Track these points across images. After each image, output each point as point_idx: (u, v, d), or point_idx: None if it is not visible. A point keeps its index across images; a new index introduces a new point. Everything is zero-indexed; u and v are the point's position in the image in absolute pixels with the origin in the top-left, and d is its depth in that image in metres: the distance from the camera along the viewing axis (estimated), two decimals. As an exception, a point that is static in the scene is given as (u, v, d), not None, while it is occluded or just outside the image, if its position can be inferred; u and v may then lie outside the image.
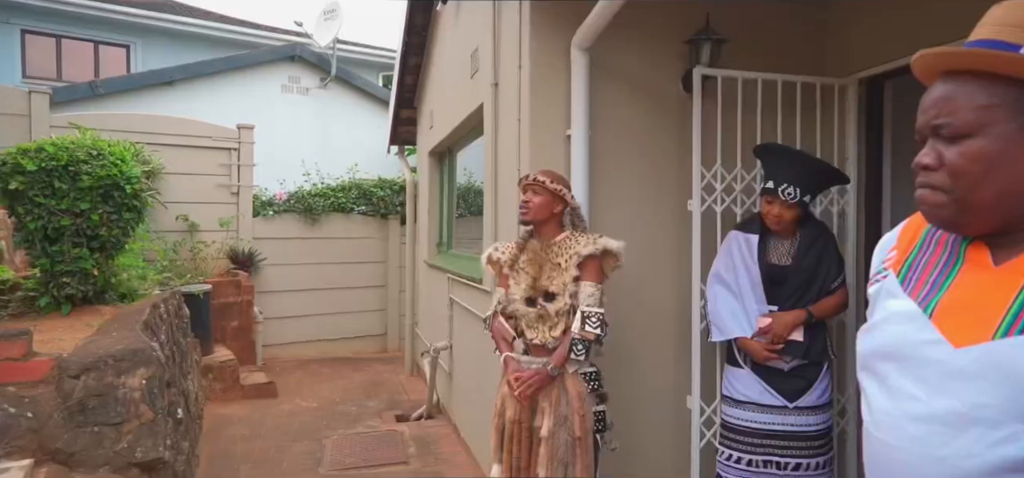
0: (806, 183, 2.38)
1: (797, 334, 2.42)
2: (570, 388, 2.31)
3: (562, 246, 2.38)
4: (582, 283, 2.31)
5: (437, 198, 6.08)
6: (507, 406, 2.38)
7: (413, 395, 5.85)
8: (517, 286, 2.42)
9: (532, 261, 2.41)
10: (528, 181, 2.41)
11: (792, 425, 2.47)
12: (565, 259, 2.34)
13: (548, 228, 2.43)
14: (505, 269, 2.48)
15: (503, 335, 2.43)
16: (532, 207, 2.38)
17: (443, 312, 5.02)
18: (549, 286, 2.35)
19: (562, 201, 2.41)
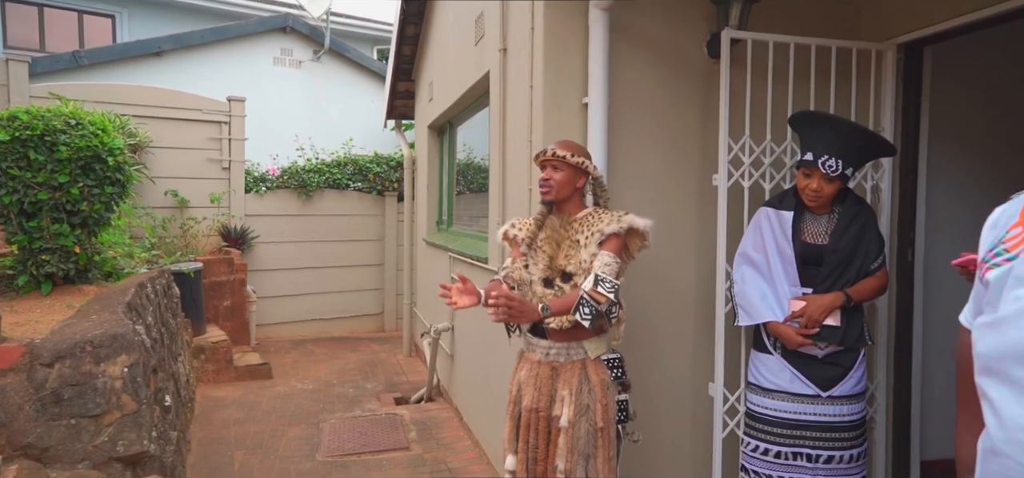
0: (849, 154, 2.19)
1: (833, 318, 2.25)
2: (592, 375, 2.13)
3: (584, 223, 2.19)
4: (600, 252, 2.11)
5: (436, 174, 5.87)
6: (524, 394, 2.21)
7: (412, 377, 5.69)
8: (535, 266, 2.23)
9: (550, 239, 2.22)
10: (547, 157, 2.21)
11: (825, 415, 2.31)
12: (586, 236, 2.16)
13: (570, 204, 2.24)
14: (522, 247, 2.29)
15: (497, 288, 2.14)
16: (555, 185, 2.19)
17: (444, 292, 4.82)
18: (566, 265, 2.17)
19: (584, 174, 2.22)
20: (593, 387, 2.11)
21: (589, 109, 2.56)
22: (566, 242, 2.19)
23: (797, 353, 2.32)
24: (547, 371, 2.18)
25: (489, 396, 3.59)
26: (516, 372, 2.30)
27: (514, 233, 2.31)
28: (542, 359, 2.20)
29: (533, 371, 2.20)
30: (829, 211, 2.31)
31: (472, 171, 5.13)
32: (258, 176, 7.14)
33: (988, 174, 3.23)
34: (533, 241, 2.25)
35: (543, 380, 2.17)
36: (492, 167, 3.45)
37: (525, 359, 2.27)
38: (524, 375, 2.23)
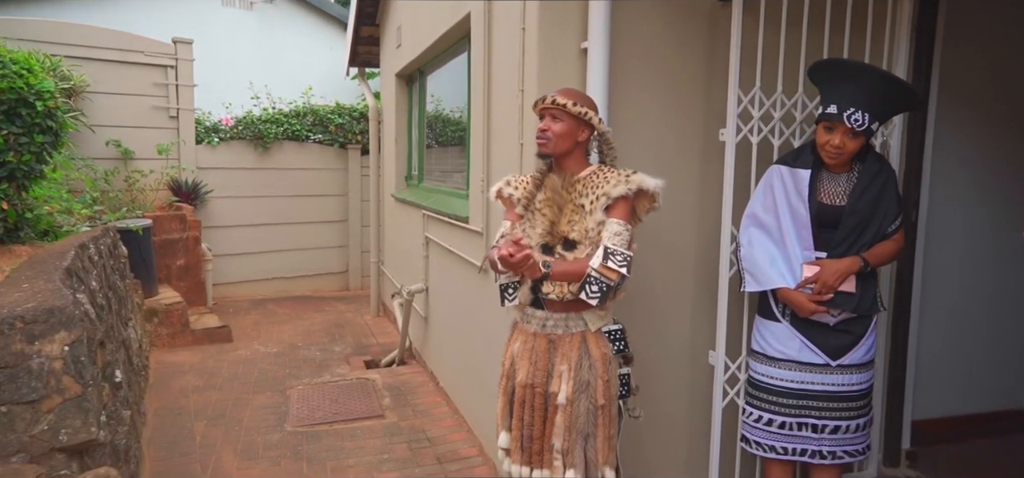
0: (876, 107, 2.02)
1: (848, 284, 2.12)
2: (593, 349, 1.96)
3: (588, 184, 1.98)
4: (608, 220, 1.93)
5: (405, 126, 5.55)
6: (518, 368, 2.02)
7: (381, 338, 5.47)
8: (532, 230, 2.02)
9: (551, 201, 2.00)
10: (546, 104, 1.98)
11: (833, 385, 2.21)
12: (590, 200, 1.95)
13: (571, 160, 2.02)
14: (518, 208, 2.07)
15: None
16: (553, 137, 1.96)
17: (416, 251, 4.59)
18: (569, 232, 1.97)
19: (588, 127, 2.00)
20: (594, 362, 1.95)
21: (589, 55, 2.32)
22: (569, 206, 1.98)
23: (807, 321, 2.19)
24: (544, 344, 2.00)
25: (469, 361, 3.41)
26: (509, 344, 2.11)
27: (509, 192, 2.10)
28: (538, 331, 2.02)
29: (528, 344, 2.02)
30: (848, 169, 2.16)
31: (441, 123, 4.85)
32: (210, 126, 6.67)
33: (992, 141, 3.15)
34: (531, 202, 2.03)
35: (539, 354, 1.99)
36: (473, 120, 3.19)
37: (519, 331, 2.09)
38: (519, 348, 2.05)
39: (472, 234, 3.18)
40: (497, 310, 2.90)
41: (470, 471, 3.08)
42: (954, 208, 3.09)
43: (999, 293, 3.29)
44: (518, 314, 2.11)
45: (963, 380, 3.27)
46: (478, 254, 3.08)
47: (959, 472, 2.93)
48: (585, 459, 1.92)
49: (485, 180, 2.95)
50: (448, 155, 4.58)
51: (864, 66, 2.03)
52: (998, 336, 3.32)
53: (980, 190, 3.16)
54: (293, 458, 3.21)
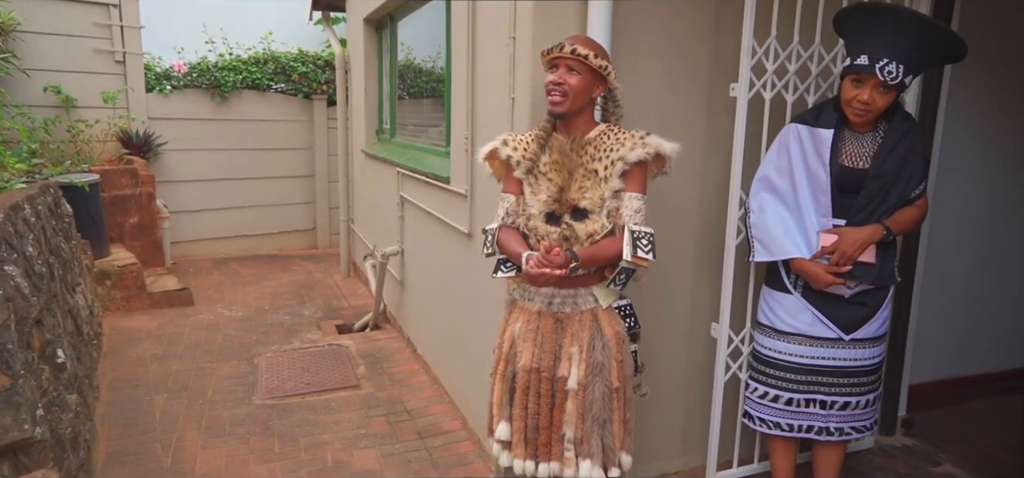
0: (913, 58, 1.83)
1: (867, 254, 1.97)
2: (606, 328, 1.78)
3: (599, 146, 1.78)
4: (626, 195, 1.75)
5: (375, 76, 5.20)
6: (521, 351, 1.83)
7: (353, 301, 5.24)
8: (535, 197, 1.81)
9: (558, 165, 1.79)
10: (563, 54, 1.74)
11: (845, 360, 2.09)
12: (604, 165, 1.75)
13: (581, 119, 1.82)
14: (518, 171, 1.85)
15: (511, 239, 1.83)
16: (571, 92, 1.74)
17: (389, 210, 4.33)
18: (579, 200, 1.77)
19: (603, 82, 1.80)
20: (607, 341, 1.77)
21: (590, 5, 2.08)
22: (580, 170, 1.77)
23: (820, 293, 2.05)
24: (550, 323, 1.81)
25: (451, 329, 3.22)
26: (507, 324, 1.91)
27: (507, 153, 1.86)
28: (543, 309, 1.83)
29: (532, 324, 1.83)
30: (873, 129, 1.99)
31: (412, 73, 4.54)
32: (161, 73, 6.18)
33: (996, 100, 3.03)
34: (535, 166, 1.81)
35: (546, 334, 1.80)
36: (454, 71, 2.92)
37: (520, 309, 1.89)
38: (520, 328, 1.85)
39: (455, 196, 2.95)
40: (483, 278, 2.70)
41: (454, 447, 2.92)
42: (961, 179, 2.99)
43: (992, 255, 3.23)
44: (516, 290, 1.91)
45: (955, 343, 3.23)
46: (462, 218, 2.86)
47: (954, 437, 2.90)
48: (602, 446, 1.76)
49: (469, 139, 2.71)
50: (422, 108, 4.29)
51: (902, 10, 1.82)
52: (991, 298, 3.27)
53: (982, 147, 3.06)
54: (263, 434, 3.01)
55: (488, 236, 1.92)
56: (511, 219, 1.87)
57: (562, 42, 1.76)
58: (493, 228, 1.91)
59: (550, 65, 1.79)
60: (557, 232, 1.77)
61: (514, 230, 1.86)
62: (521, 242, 1.81)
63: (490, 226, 1.93)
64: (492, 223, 1.93)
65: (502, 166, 1.92)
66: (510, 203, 1.87)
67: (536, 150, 1.82)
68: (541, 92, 2.14)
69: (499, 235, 1.87)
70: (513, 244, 1.80)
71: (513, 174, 1.86)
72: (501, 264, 1.89)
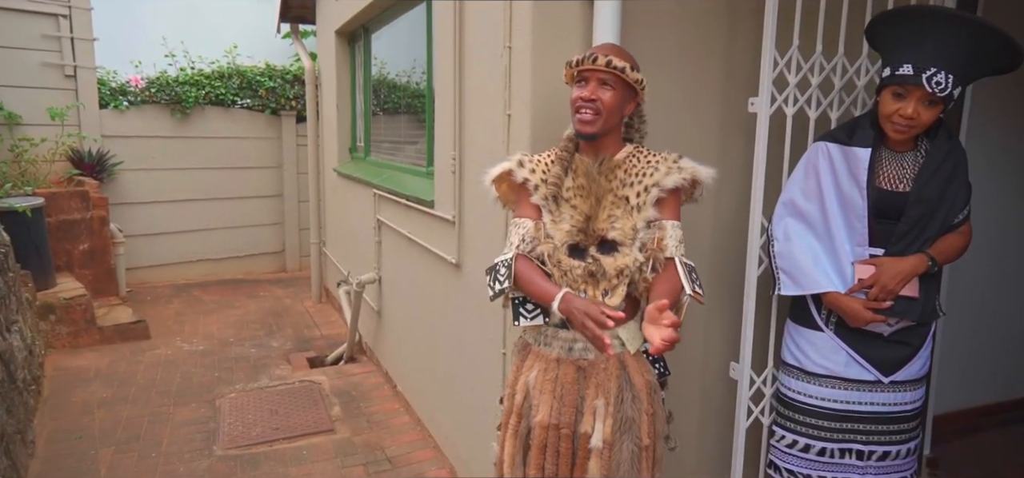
0: (963, 66, 1.63)
1: (910, 288, 1.77)
2: (636, 377, 1.56)
3: (630, 170, 1.57)
4: (667, 223, 1.56)
5: (348, 91, 4.92)
6: (538, 404, 1.57)
7: (325, 329, 4.90)
8: (556, 226, 1.58)
9: (584, 190, 1.57)
10: (596, 66, 1.52)
11: (884, 404, 1.87)
12: (636, 192, 1.54)
13: (610, 140, 1.61)
14: (536, 197, 1.60)
15: (534, 274, 1.55)
16: (605, 109, 1.53)
17: (364, 234, 4.04)
18: (608, 230, 1.54)
19: (634, 98, 1.60)
20: (637, 392, 1.54)
21: (596, 5, 1.85)
22: (609, 196, 1.55)
23: (856, 330, 1.84)
24: (571, 373, 1.57)
25: (437, 366, 2.94)
26: (520, 372, 1.66)
27: (524, 176, 1.61)
28: (562, 356, 1.59)
29: (551, 373, 1.58)
30: (913, 148, 1.79)
31: (387, 88, 4.28)
32: (117, 87, 5.80)
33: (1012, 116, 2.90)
34: (558, 191, 1.56)
35: (566, 385, 1.56)
36: (439, 85, 2.66)
37: (536, 356, 1.64)
38: (536, 378, 1.60)
39: (440, 222, 2.68)
40: (473, 312, 2.44)
41: (441, 500, 2.64)
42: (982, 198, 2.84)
43: (1009, 279, 3.09)
44: (530, 335, 1.66)
45: (974, 371, 3.07)
46: (448, 246, 2.59)
47: (980, 473, 2.72)
48: None
49: (457, 159, 2.45)
50: (400, 125, 4.02)
51: (952, 13, 1.63)
52: (1008, 324, 3.12)
53: (990, 164, 2.92)
54: (225, 492, 2.68)
55: (501, 269, 1.60)
56: (529, 247, 1.58)
57: (593, 53, 1.54)
58: (507, 259, 1.60)
59: (578, 79, 1.57)
60: (582, 267, 1.54)
61: (534, 262, 1.58)
62: (544, 274, 1.56)
63: (503, 258, 1.62)
64: (504, 254, 1.63)
65: (512, 190, 1.69)
66: (527, 228, 1.60)
67: (559, 173, 1.58)
68: (545, 107, 1.91)
69: (517, 268, 1.57)
70: (539, 280, 1.53)
71: (530, 199, 1.61)
72: (520, 307, 1.62)
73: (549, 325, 1.60)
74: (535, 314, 1.59)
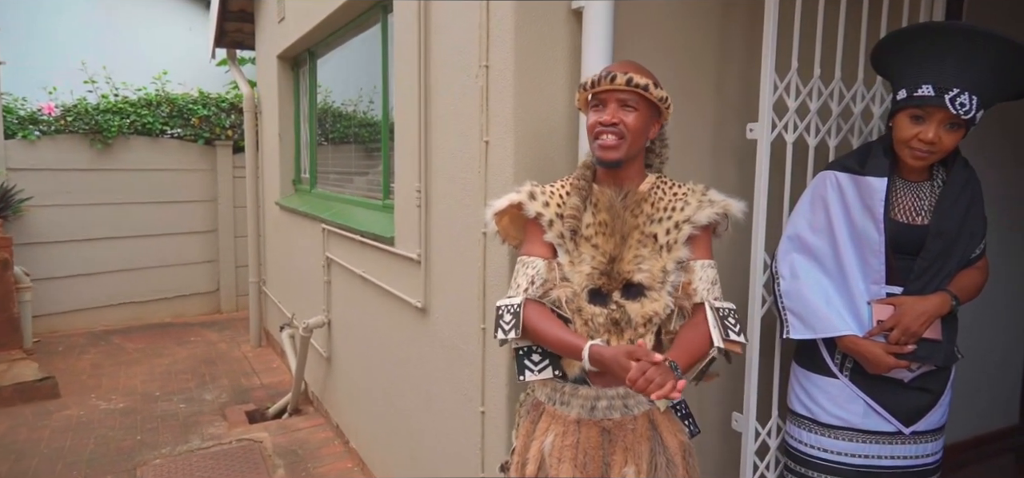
0: (988, 87, 1.51)
1: (932, 330, 1.62)
2: (669, 438, 1.37)
3: (657, 204, 1.39)
4: (697, 264, 1.39)
5: (291, 119, 4.58)
6: (558, 474, 1.33)
7: (266, 377, 4.47)
8: (574, 268, 1.37)
9: (606, 227, 1.37)
10: (616, 86, 1.33)
11: (905, 458, 1.71)
12: (666, 228, 1.36)
13: (633, 168, 1.42)
14: (550, 234, 1.39)
15: (551, 323, 1.34)
16: (630, 135, 1.35)
17: (311, 273, 3.70)
18: (635, 273, 1.35)
19: (659, 120, 1.42)
20: (671, 456, 1.35)
21: (585, 17, 1.66)
22: (635, 234, 1.35)
23: (874, 377, 1.67)
24: (595, 436, 1.35)
25: (397, 421, 2.63)
26: (533, 437, 1.42)
27: (536, 210, 1.40)
28: (584, 417, 1.37)
29: (570, 438, 1.36)
30: (929, 177, 1.66)
31: (333, 116, 4.00)
32: (26, 116, 5.24)
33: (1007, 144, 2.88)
34: (578, 225, 1.35)
35: (590, 451, 1.34)
36: (400, 109, 2.41)
37: (551, 417, 1.41)
38: (553, 444, 1.37)
39: (402, 261, 2.40)
40: (442, 362, 2.16)
41: None
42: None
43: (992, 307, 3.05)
44: (542, 392, 1.43)
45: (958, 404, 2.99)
46: (413, 288, 2.32)
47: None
48: None
49: (422, 192, 2.19)
50: (350, 154, 3.73)
51: (979, 30, 1.50)
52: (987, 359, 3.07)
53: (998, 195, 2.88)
54: None
55: (506, 316, 1.37)
56: (540, 290, 1.36)
57: (610, 71, 1.35)
58: (515, 305, 1.38)
59: (594, 102, 1.38)
60: (604, 314, 1.34)
61: (547, 308, 1.37)
62: (561, 323, 1.35)
63: (508, 302, 1.40)
64: (510, 297, 1.41)
65: (516, 224, 1.49)
66: (538, 268, 1.38)
67: (578, 205, 1.37)
68: (529, 132, 1.69)
69: (527, 315, 1.35)
70: (557, 329, 1.32)
71: (543, 237, 1.40)
72: (525, 358, 1.40)
73: (565, 380, 1.37)
74: (543, 366, 1.38)
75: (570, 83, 1.75)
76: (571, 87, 1.75)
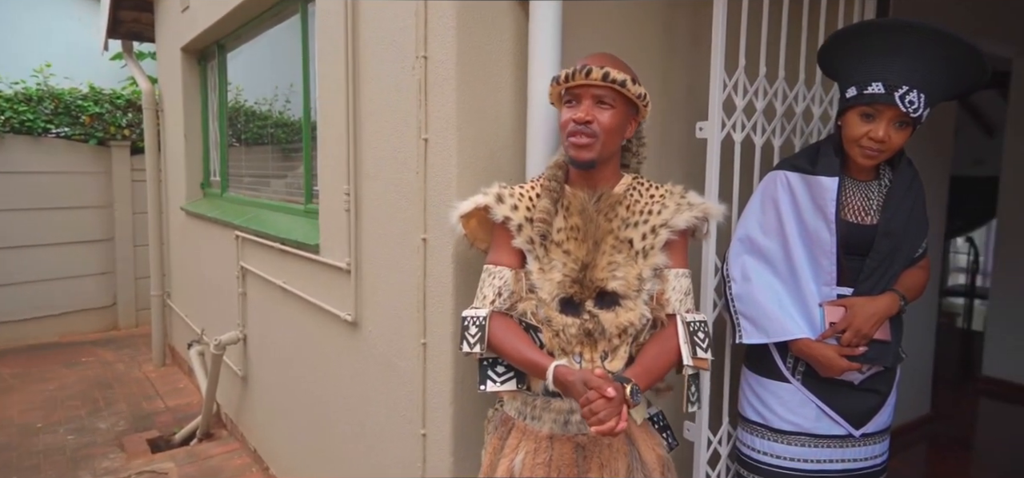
0: (935, 86, 1.51)
1: (882, 330, 1.62)
2: (645, 452, 1.30)
3: (633, 207, 1.31)
4: (671, 272, 1.31)
5: (198, 117, 4.21)
6: None
7: (172, 399, 4.07)
8: (544, 276, 1.28)
9: (578, 232, 1.28)
10: (591, 80, 1.24)
11: (854, 460, 1.70)
12: (642, 233, 1.28)
13: (608, 169, 1.33)
14: (519, 239, 1.29)
15: (517, 339, 1.25)
16: (602, 133, 1.26)
17: (223, 285, 3.39)
18: (609, 280, 1.26)
19: (636, 117, 1.33)
20: (649, 472, 1.29)
21: (532, 6, 1.54)
22: (609, 239, 1.27)
23: (825, 380, 1.65)
24: (569, 453, 1.27)
25: (325, 444, 2.41)
26: (501, 455, 1.32)
27: (504, 213, 1.30)
28: (557, 432, 1.28)
29: (543, 456, 1.26)
30: (876, 176, 1.66)
31: (244, 115, 3.72)
32: None
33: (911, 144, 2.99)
34: (548, 230, 1.26)
35: (564, 467, 1.26)
36: (324, 105, 2.21)
37: (522, 433, 1.31)
38: (524, 462, 1.27)
39: (329, 271, 2.19)
40: (377, 380, 1.98)
41: None
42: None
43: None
44: (512, 406, 1.33)
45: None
46: (342, 300, 2.12)
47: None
48: None
49: (351, 195, 2.00)
50: (265, 155, 3.45)
51: (929, 27, 1.49)
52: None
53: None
54: None
55: (471, 328, 1.28)
56: (507, 302, 1.28)
57: (585, 64, 1.25)
58: (479, 317, 1.28)
59: (567, 98, 1.29)
60: (576, 325, 1.25)
61: (512, 320, 1.28)
62: (528, 339, 1.26)
63: (473, 313, 1.31)
64: (476, 308, 1.32)
65: (485, 228, 1.38)
66: (505, 279, 1.30)
67: (549, 207, 1.26)
68: (475, 128, 1.55)
69: (492, 329, 1.26)
70: (523, 346, 1.24)
71: (511, 243, 1.30)
72: (489, 368, 1.30)
73: (536, 393, 1.26)
74: (507, 377, 1.28)
75: (516, 76, 1.63)
76: (517, 80, 1.63)
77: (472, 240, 1.44)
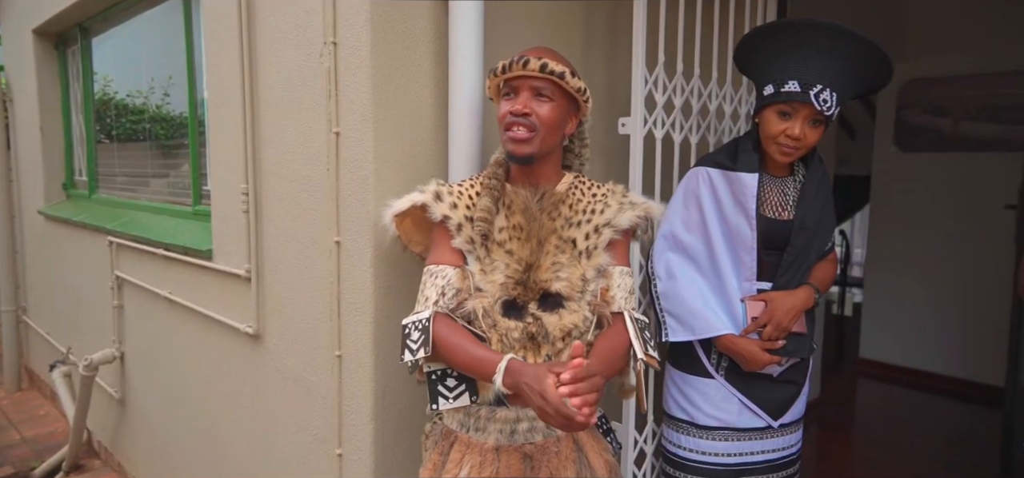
0: (846, 85, 1.55)
1: (799, 323, 1.66)
2: (594, 459, 1.24)
3: (575, 206, 1.26)
4: (616, 270, 1.28)
5: (57, 109, 3.73)
6: None
7: (30, 429, 3.58)
8: (487, 277, 1.19)
9: (521, 231, 1.21)
10: (528, 72, 1.18)
11: (773, 451, 1.75)
12: (585, 233, 1.24)
13: (548, 166, 1.26)
14: (459, 239, 1.21)
15: (462, 338, 1.15)
16: (542, 128, 1.19)
17: (94, 297, 3.01)
18: (552, 282, 1.20)
19: (577, 113, 1.28)
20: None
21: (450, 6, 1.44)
22: (552, 239, 1.21)
23: (745, 374, 1.68)
24: (516, 464, 1.20)
25: (223, 467, 2.17)
26: (445, 469, 1.22)
27: (443, 212, 1.21)
28: (503, 443, 1.20)
29: (490, 468, 1.18)
30: (790, 173, 1.70)
31: (115, 108, 3.35)
32: None
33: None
34: (489, 229, 1.19)
35: None
36: (214, 95, 1.99)
37: (467, 446, 1.22)
38: (470, 476, 1.18)
39: (225, 279, 1.97)
40: (283, 397, 1.79)
41: None
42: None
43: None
44: (454, 419, 1.24)
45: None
46: (242, 311, 1.91)
47: None
48: None
49: (250, 194, 1.80)
50: (143, 151, 3.10)
51: (842, 29, 1.52)
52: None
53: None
54: None
55: (413, 334, 1.17)
56: (453, 302, 1.19)
57: (524, 56, 1.19)
58: (422, 320, 1.17)
59: (506, 91, 1.22)
60: (520, 328, 1.17)
61: (459, 323, 1.18)
62: (474, 337, 1.16)
63: (416, 317, 1.19)
64: (418, 312, 1.20)
65: (420, 228, 1.29)
66: (449, 278, 1.20)
67: (489, 206, 1.19)
68: (392, 122, 1.43)
69: (437, 332, 1.15)
70: (469, 345, 1.13)
71: (451, 243, 1.21)
72: (439, 384, 1.19)
73: (480, 404, 1.18)
74: (459, 392, 1.18)
75: (436, 65, 1.52)
76: (437, 70, 1.52)
77: (406, 242, 1.33)
